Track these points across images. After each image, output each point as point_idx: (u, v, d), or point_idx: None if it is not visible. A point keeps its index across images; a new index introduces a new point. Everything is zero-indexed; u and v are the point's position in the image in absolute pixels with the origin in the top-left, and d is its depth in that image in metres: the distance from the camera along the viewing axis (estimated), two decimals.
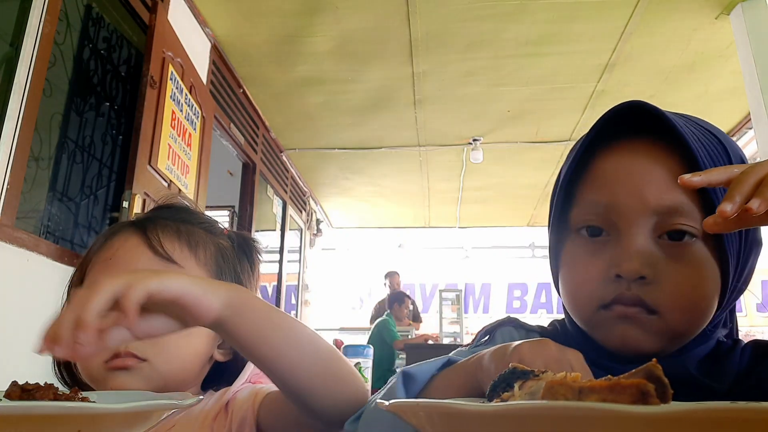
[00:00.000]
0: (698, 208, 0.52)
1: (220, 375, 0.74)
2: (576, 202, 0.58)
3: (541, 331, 0.65)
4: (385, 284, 6.50)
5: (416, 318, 6.26)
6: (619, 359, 0.54)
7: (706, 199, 0.51)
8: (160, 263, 0.67)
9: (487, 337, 0.66)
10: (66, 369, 0.71)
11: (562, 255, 0.59)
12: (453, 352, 0.59)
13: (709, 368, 0.54)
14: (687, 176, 0.44)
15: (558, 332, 0.63)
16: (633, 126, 0.55)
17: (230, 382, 0.72)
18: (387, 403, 0.36)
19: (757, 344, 0.57)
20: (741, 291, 0.56)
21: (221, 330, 0.51)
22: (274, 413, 0.62)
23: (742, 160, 0.57)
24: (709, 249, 0.52)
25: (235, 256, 0.76)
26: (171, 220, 0.72)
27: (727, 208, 0.40)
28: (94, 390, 0.66)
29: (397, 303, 5.71)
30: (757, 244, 0.57)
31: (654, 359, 0.29)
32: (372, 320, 5.86)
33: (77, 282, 0.72)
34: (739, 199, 0.40)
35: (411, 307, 6.19)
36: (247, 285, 0.76)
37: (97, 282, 0.45)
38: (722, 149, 0.55)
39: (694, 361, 0.54)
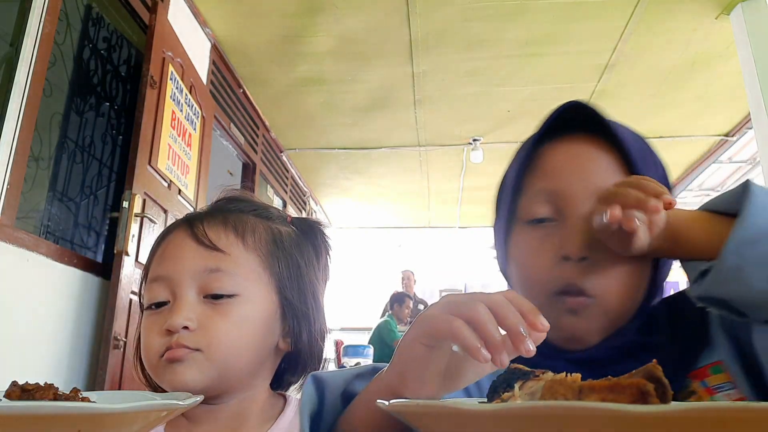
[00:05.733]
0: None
1: (294, 368, 0.74)
2: (524, 193, 0.61)
3: None
4: (399, 281, 6.51)
5: None
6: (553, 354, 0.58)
7: None
8: (204, 252, 0.67)
9: None
10: (142, 364, 0.72)
11: (510, 247, 0.63)
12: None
13: (647, 330, 0.59)
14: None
15: None
16: (573, 124, 0.61)
17: (301, 375, 0.72)
18: (387, 403, 0.36)
19: (671, 300, 0.63)
20: (669, 267, 0.61)
21: None
22: None
23: (662, 165, 0.64)
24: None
25: (296, 241, 0.75)
26: (222, 210, 0.73)
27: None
28: (159, 385, 0.67)
29: (397, 304, 5.71)
30: None
31: (654, 360, 0.29)
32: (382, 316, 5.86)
33: (145, 278, 0.73)
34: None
35: (421, 307, 6.20)
36: (309, 271, 0.75)
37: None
38: (649, 151, 0.62)
39: (634, 330, 0.59)
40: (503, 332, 0.40)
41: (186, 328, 0.64)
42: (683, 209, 0.56)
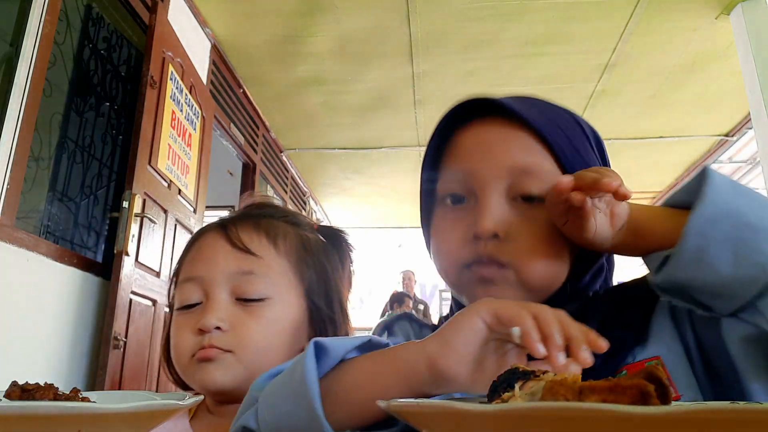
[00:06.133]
0: (548, 173, 0.58)
1: None
2: (441, 175, 0.63)
3: (432, 326, 0.67)
4: (399, 282, 6.50)
5: (426, 318, 6.28)
6: None
7: (558, 165, 0.58)
8: (238, 254, 0.69)
9: (385, 333, 0.67)
10: (170, 363, 0.73)
11: (431, 226, 0.64)
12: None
13: (577, 318, 0.56)
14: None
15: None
16: (487, 109, 0.61)
17: None
18: (385, 403, 0.36)
19: (614, 289, 0.62)
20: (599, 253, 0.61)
21: None
22: None
23: (594, 132, 0.64)
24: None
25: (323, 248, 0.77)
26: (254, 216, 0.74)
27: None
28: (187, 383, 0.69)
29: (397, 303, 5.72)
30: None
31: (656, 361, 0.29)
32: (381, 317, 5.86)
33: (175, 279, 0.75)
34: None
35: (421, 307, 6.20)
36: (335, 277, 0.76)
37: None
38: (573, 122, 0.63)
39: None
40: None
41: (218, 328, 0.65)
42: (644, 204, 0.56)
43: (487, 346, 0.44)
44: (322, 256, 0.76)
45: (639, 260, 0.56)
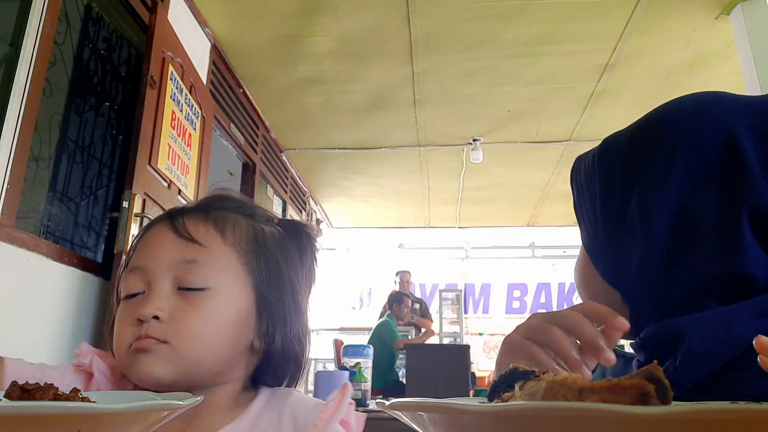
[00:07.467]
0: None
1: (267, 370, 0.71)
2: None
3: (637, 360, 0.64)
4: (395, 282, 6.49)
5: (425, 316, 6.29)
6: None
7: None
8: (182, 243, 0.67)
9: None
10: None
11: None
12: None
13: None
14: None
15: None
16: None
17: (279, 380, 0.72)
18: (387, 403, 0.36)
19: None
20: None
21: None
22: None
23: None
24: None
25: (278, 240, 0.74)
26: (204, 208, 0.73)
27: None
28: (128, 377, 0.67)
29: (396, 303, 5.72)
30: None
31: (655, 361, 0.29)
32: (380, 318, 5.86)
33: (124, 269, 0.73)
34: None
35: (417, 306, 6.20)
36: (290, 272, 0.73)
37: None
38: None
39: None
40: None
41: (156, 318, 0.63)
42: None
43: None
44: (276, 249, 0.73)
45: None
